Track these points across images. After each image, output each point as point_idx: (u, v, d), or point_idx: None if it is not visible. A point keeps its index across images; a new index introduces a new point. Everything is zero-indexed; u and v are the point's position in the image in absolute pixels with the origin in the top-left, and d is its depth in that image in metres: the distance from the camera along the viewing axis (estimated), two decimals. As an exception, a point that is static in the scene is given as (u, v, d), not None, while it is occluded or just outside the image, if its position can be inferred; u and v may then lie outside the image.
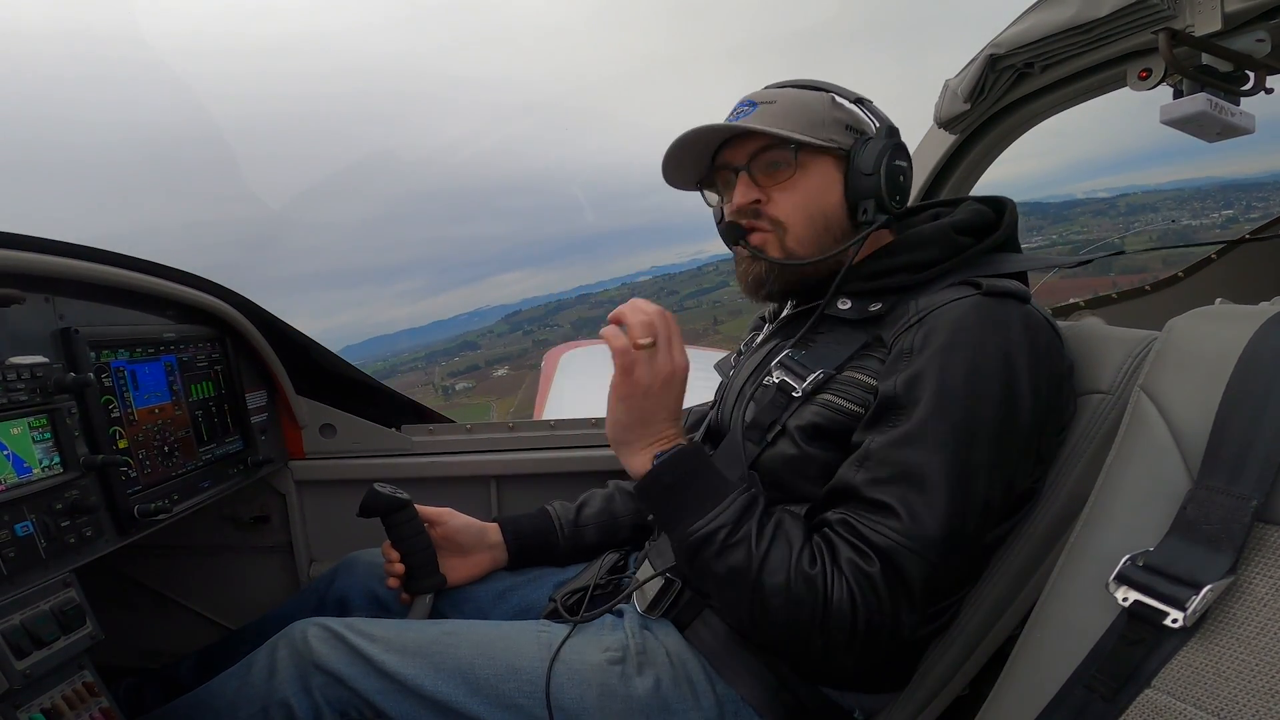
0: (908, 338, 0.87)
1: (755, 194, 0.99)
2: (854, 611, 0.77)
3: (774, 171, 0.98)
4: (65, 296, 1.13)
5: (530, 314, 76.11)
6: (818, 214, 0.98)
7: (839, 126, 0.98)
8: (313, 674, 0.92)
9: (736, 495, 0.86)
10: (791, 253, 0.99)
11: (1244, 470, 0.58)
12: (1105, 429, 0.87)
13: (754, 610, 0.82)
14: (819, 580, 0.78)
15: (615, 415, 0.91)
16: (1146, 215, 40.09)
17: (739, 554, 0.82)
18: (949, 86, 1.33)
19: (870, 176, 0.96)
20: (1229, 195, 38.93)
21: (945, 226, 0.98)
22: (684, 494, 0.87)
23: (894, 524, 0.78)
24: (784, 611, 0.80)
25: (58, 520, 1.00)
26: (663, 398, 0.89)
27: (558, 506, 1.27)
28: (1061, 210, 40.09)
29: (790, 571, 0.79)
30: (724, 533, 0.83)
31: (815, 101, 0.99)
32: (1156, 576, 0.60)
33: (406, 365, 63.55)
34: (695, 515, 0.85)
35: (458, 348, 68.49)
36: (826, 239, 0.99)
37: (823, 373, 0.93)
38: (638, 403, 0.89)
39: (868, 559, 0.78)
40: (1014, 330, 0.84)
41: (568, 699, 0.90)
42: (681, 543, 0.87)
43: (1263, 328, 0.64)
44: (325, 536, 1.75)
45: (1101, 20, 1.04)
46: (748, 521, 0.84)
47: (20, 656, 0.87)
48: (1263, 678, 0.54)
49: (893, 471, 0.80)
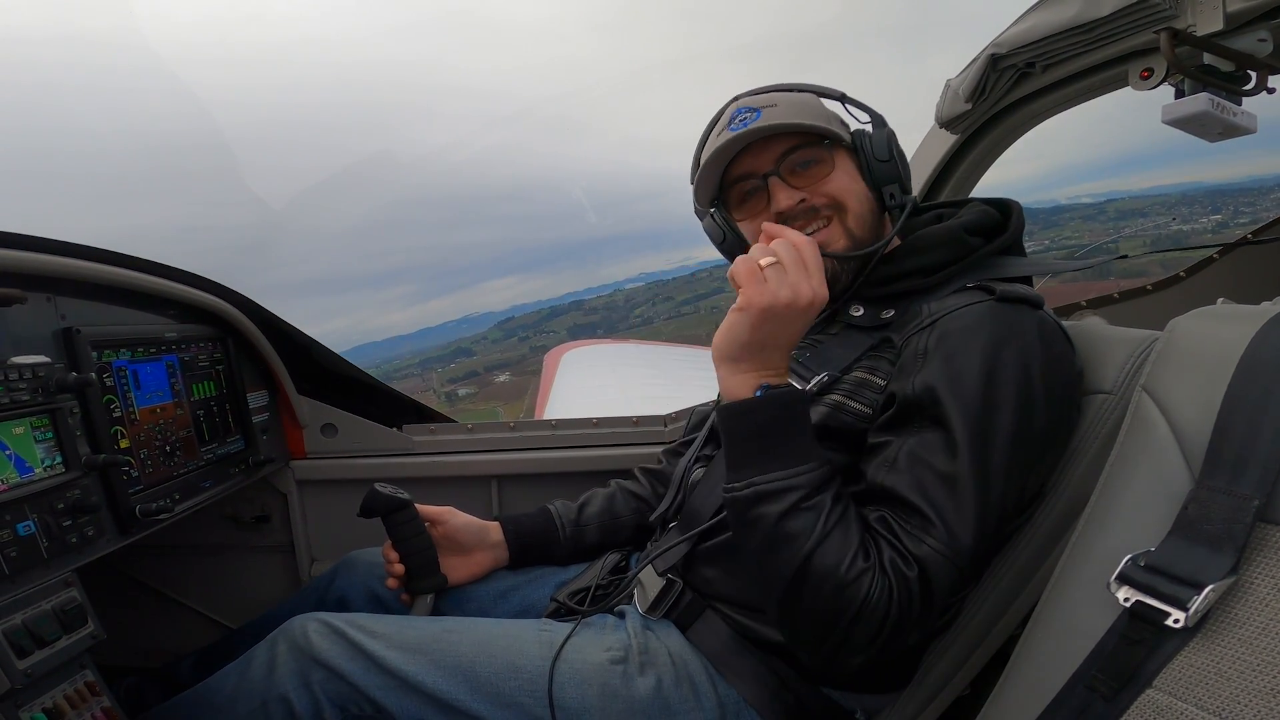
0: (920, 340, 0.87)
1: (798, 194, 0.96)
2: (886, 613, 0.76)
3: (807, 170, 0.96)
4: (67, 296, 1.13)
5: (524, 320, 76.33)
6: (865, 198, 0.98)
7: (838, 121, 0.99)
8: (313, 669, 0.92)
9: (821, 463, 0.81)
10: (855, 236, 0.96)
11: (1245, 470, 0.58)
12: (1107, 429, 0.87)
13: (792, 583, 0.78)
14: (867, 576, 0.76)
15: (730, 328, 0.83)
16: (1135, 220, 40.24)
17: (803, 521, 0.78)
18: (950, 86, 1.33)
19: (887, 162, 0.96)
20: (1216, 200, 39.13)
21: (956, 228, 0.97)
22: (774, 438, 0.81)
23: (932, 531, 0.77)
24: (824, 595, 0.77)
25: (59, 520, 1.00)
26: (785, 322, 0.81)
27: (559, 506, 1.27)
28: (1050, 216, 40.35)
29: (846, 559, 0.76)
30: (797, 495, 0.78)
31: (810, 100, 1.00)
32: (1158, 576, 0.60)
33: (401, 372, 63.80)
34: (778, 464, 0.80)
35: (452, 354, 68.67)
36: (875, 223, 0.99)
37: (827, 374, 0.92)
38: (758, 322, 0.81)
39: (909, 564, 0.77)
40: (1029, 337, 0.84)
41: (569, 698, 0.90)
42: (749, 488, 0.81)
43: (1264, 328, 0.64)
44: (326, 536, 1.75)
45: (1103, 20, 1.04)
46: (825, 492, 0.80)
47: (22, 656, 0.87)
48: (1264, 678, 0.54)
49: (923, 478, 0.79)
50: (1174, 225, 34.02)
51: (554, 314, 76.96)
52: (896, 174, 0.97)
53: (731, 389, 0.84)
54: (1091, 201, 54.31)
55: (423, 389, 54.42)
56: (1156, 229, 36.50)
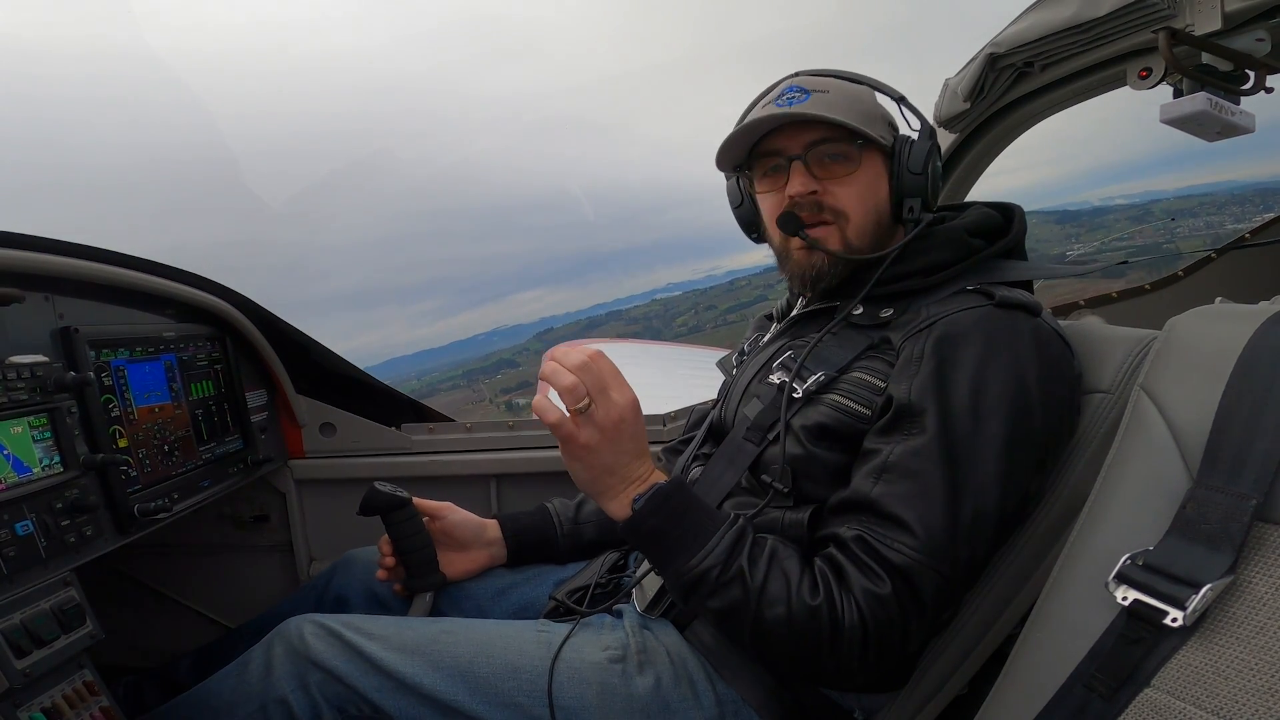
0: (916, 343, 0.87)
1: (813, 185, 0.97)
2: (865, 633, 0.77)
3: (833, 163, 0.97)
4: (65, 295, 1.13)
5: (563, 331, 76.96)
6: (873, 208, 0.98)
7: (883, 123, 0.99)
8: (310, 671, 0.92)
9: (724, 530, 0.83)
10: (850, 245, 0.98)
11: (1243, 469, 0.58)
12: (1105, 428, 0.87)
13: (757, 642, 0.81)
14: (823, 610, 0.77)
15: (576, 474, 0.86)
16: (1186, 220, 39.68)
17: (734, 591, 0.80)
18: (949, 85, 1.33)
19: (918, 176, 0.96)
20: (1268, 198, 38.66)
21: (957, 229, 0.98)
22: (669, 536, 0.84)
23: (909, 540, 0.77)
24: (787, 643, 0.79)
25: (58, 519, 1.00)
26: (618, 443, 0.83)
27: (557, 504, 1.27)
28: (1093, 218, 39.97)
29: (790, 604, 0.78)
30: (715, 572, 0.81)
31: (864, 95, 0.99)
32: (1156, 576, 0.60)
33: (446, 384, 64.18)
34: (684, 556, 0.82)
35: (495, 366, 69.36)
36: (880, 233, 0.99)
37: (824, 374, 0.93)
38: (594, 459, 0.84)
39: (879, 580, 0.77)
40: (1024, 343, 0.84)
41: (568, 697, 0.90)
42: (674, 583, 0.85)
43: (1262, 327, 0.64)
44: (325, 535, 1.75)
45: (1101, 19, 1.05)
46: (738, 558, 0.81)
47: (20, 656, 0.87)
48: (1262, 676, 0.54)
49: (909, 486, 0.80)
50: (1229, 225, 33.64)
51: (592, 325, 77.56)
52: (923, 189, 0.96)
53: (614, 513, 0.87)
54: (1127, 203, 54.11)
55: (475, 399, 54.36)
56: (1209, 228, 36.03)
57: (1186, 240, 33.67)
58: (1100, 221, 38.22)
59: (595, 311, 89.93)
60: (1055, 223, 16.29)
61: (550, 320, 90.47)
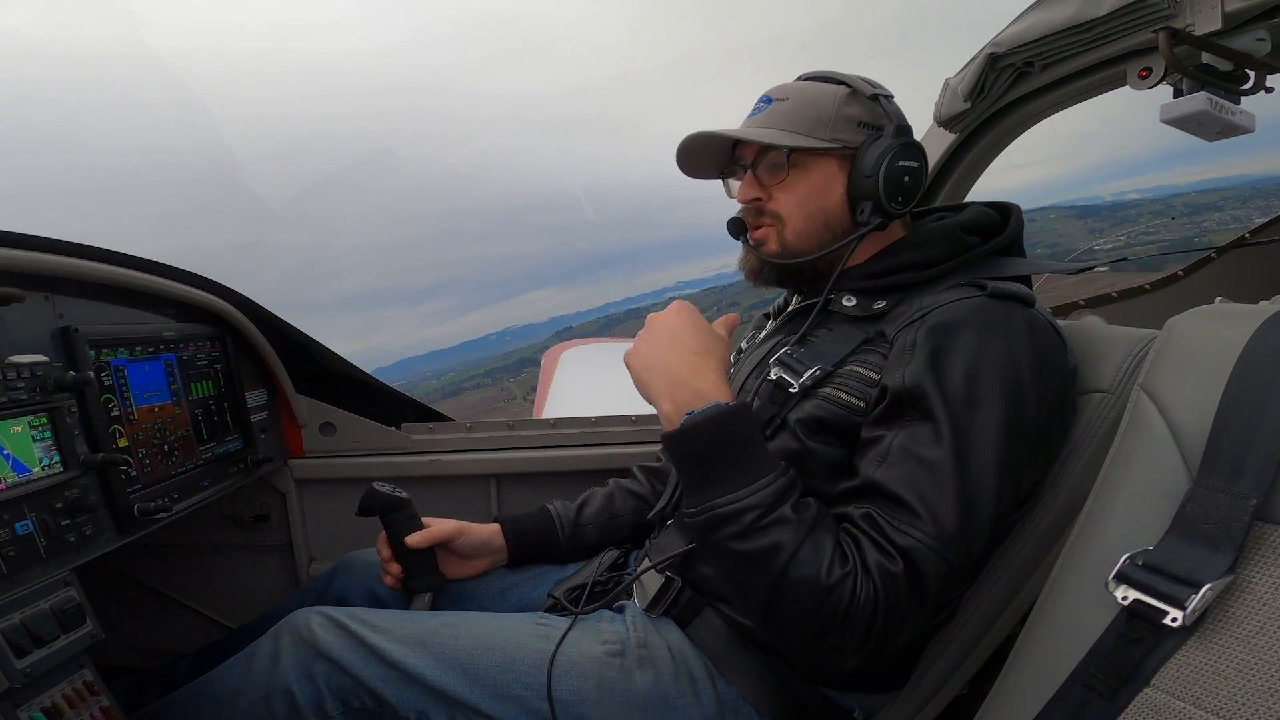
0: (910, 333, 0.87)
1: (756, 191, 1.02)
2: (874, 614, 0.76)
3: (774, 171, 1.00)
4: (65, 295, 1.13)
5: (580, 329, 76.96)
6: (816, 212, 1.00)
7: (849, 124, 0.98)
8: (316, 661, 0.92)
9: (776, 476, 0.80)
10: (789, 246, 1.01)
11: (1243, 469, 0.58)
12: (1105, 428, 0.87)
13: (771, 599, 0.78)
14: (848, 582, 0.76)
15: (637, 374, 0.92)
16: (1210, 214, 38.99)
17: (769, 538, 0.77)
18: (949, 85, 1.33)
19: (869, 179, 0.96)
20: None
21: (952, 225, 0.98)
22: (716, 462, 0.81)
23: (918, 524, 0.77)
24: (805, 606, 0.77)
25: (58, 519, 1.00)
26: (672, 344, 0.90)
27: (558, 506, 1.27)
28: (1113, 212, 39.44)
29: (823, 567, 0.76)
30: (754, 514, 0.78)
31: (826, 98, 0.99)
32: (1156, 575, 0.60)
33: (470, 383, 64.30)
34: (724, 488, 0.80)
35: (517, 364, 69.69)
36: (826, 235, 1.00)
37: (819, 369, 0.93)
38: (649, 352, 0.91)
39: (893, 559, 0.77)
40: (1017, 333, 0.85)
41: (566, 690, 0.91)
42: (701, 513, 0.81)
43: (1262, 327, 0.64)
44: (325, 535, 1.75)
45: (1101, 19, 1.04)
46: (782, 506, 0.79)
47: (20, 655, 0.87)
48: (1262, 676, 0.54)
49: (912, 471, 0.80)
50: (1256, 219, 33.24)
51: (611, 322, 77.54)
52: (874, 192, 0.96)
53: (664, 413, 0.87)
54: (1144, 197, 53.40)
55: (503, 397, 53.93)
56: (1237, 222, 35.34)
57: (1216, 234, 33.12)
58: (1122, 216, 37.83)
59: (609, 310, 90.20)
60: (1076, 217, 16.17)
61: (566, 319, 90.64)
